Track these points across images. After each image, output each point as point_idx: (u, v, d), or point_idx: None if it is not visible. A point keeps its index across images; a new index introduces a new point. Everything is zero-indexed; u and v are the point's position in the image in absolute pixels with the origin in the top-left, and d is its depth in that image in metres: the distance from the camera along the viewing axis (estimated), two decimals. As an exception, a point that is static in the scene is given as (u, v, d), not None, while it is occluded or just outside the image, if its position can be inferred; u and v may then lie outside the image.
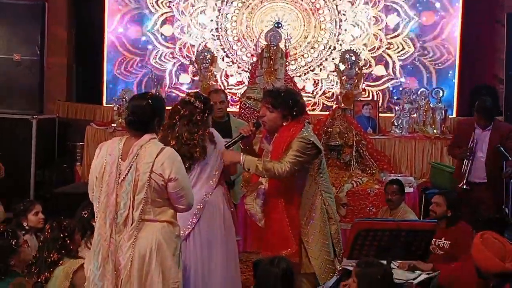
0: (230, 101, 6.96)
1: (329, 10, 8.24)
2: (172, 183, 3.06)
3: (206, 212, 3.84)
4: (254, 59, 7.86)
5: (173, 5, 8.37)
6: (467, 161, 5.65)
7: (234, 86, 8.29)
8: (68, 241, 3.60)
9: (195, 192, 3.78)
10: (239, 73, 8.33)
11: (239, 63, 8.35)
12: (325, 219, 3.92)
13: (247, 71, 8.10)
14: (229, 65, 8.33)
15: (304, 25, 8.26)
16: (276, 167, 3.71)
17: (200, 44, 8.29)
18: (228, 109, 5.43)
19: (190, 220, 3.78)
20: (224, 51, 8.35)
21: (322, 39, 8.28)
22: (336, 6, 8.23)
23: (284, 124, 3.87)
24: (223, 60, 8.29)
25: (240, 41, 8.35)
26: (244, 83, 8.08)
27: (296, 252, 3.84)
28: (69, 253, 3.59)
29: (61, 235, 3.58)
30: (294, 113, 3.89)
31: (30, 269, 3.53)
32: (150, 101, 3.16)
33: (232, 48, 8.37)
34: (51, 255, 3.53)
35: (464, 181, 5.65)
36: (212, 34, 8.37)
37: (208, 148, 3.86)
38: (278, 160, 3.77)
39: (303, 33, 8.26)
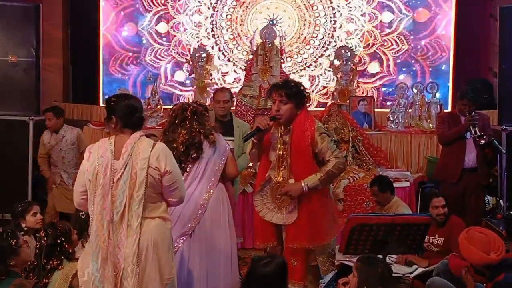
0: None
1: (323, 6, 8.27)
2: (168, 175, 3.12)
3: (210, 208, 3.89)
4: (250, 56, 7.88)
5: (168, 3, 8.39)
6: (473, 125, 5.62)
7: (231, 84, 8.30)
8: (66, 245, 3.59)
9: (199, 188, 3.85)
10: (235, 71, 8.35)
11: (235, 61, 8.36)
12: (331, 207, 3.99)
13: (243, 70, 8.11)
14: (225, 64, 8.35)
15: (298, 21, 8.28)
16: (334, 169, 3.78)
17: (196, 42, 8.31)
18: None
19: (195, 216, 3.83)
20: (220, 50, 8.37)
21: (317, 35, 8.31)
22: (331, 2, 8.26)
23: (297, 113, 3.88)
24: (219, 58, 8.31)
25: (235, 39, 8.37)
26: (241, 80, 8.08)
27: None
28: (68, 256, 3.58)
29: (58, 241, 3.55)
30: (305, 102, 3.95)
31: (28, 274, 3.51)
32: (132, 101, 3.22)
33: (227, 46, 8.39)
34: (50, 262, 3.50)
35: (478, 133, 5.60)
36: (207, 33, 8.39)
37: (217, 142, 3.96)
38: (306, 157, 3.81)
39: (298, 30, 8.29)
